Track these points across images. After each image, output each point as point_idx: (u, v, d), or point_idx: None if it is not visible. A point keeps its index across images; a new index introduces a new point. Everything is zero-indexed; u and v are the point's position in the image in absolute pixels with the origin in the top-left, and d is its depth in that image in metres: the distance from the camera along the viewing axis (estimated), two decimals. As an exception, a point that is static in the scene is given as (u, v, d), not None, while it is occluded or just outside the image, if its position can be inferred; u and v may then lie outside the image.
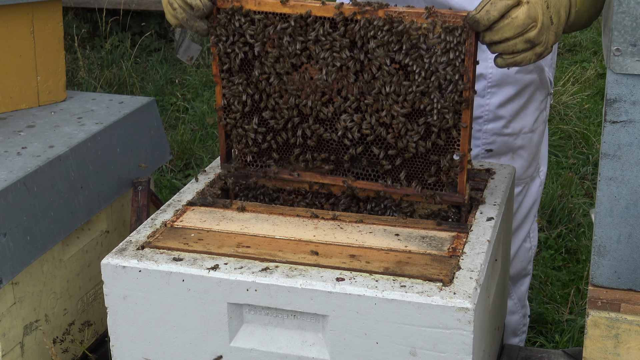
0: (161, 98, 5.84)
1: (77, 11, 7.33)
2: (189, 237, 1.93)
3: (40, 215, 2.29)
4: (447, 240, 1.89)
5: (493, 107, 2.45)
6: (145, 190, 2.64)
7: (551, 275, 3.74)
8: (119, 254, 1.88)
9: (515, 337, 2.86)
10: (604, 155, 1.64)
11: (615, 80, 1.60)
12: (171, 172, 4.81)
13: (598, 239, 1.69)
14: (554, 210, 4.28)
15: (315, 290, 1.74)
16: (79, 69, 6.10)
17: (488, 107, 2.45)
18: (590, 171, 4.76)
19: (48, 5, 2.69)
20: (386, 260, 1.81)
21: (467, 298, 1.67)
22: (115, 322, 1.90)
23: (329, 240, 1.91)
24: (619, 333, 1.72)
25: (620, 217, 1.66)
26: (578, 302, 3.48)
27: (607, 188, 1.65)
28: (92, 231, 2.56)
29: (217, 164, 2.34)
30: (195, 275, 1.80)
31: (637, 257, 1.67)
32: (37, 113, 2.70)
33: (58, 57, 2.76)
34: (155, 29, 7.18)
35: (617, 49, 1.58)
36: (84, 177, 2.46)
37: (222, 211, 2.06)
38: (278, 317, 1.81)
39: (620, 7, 1.55)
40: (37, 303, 2.32)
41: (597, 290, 1.72)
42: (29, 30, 2.66)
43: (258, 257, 1.83)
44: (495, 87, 2.43)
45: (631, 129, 1.60)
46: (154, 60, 6.62)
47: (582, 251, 3.94)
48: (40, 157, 2.35)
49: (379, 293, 1.70)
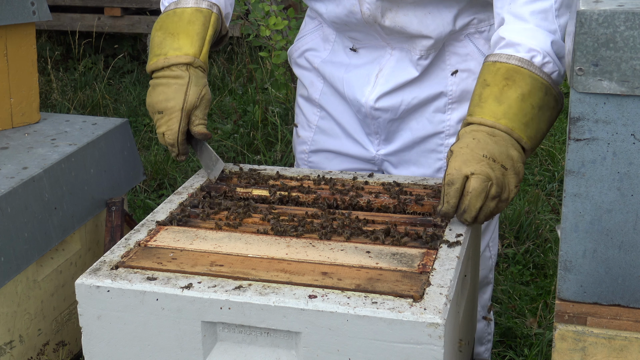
0: (134, 119, 5.84)
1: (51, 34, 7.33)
2: (163, 257, 1.95)
3: (14, 236, 2.29)
4: (417, 257, 1.92)
5: (454, 123, 2.51)
6: (119, 211, 2.65)
7: (519, 290, 3.78)
8: (93, 274, 1.89)
9: (481, 345, 2.90)
10: (568, 172, 1.67)
11: (579, 99, 1.63)
12: (145, 192, 4.82)
13: (564, 254, 1.72)
14: (522, 226, 4.33)
15: (288, 307, 1.76)
16: (53, 90, 6.10)
17: (449, 122, 2.50)
18: (556, 188, 4.82)
19: (21, 28, 2.70)
20: (358, 277, 1.84)
21: (438, 313, 1.70)
22: (89, 341, 1.91)
23: (301, 258, 1.93)
24: (586, 346, 1.75)
25: (585, 232, 1.69)
26: (546, 316, 3.52)
27: (572, 204, 1.69)
28: (66, 252, 2.57)
29: (190, 184, 2.36)
30: (169, 294, 1.82)
31: (602, 271, 1.70)
32: (10, 135, 2.71)
33: (31, 79, 2.77)
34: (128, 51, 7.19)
35: (580, 69, 1.62)
36: (57, 198, 2.47)
37: (195, 230, 2.08)
38: (252, 335, 1.83)
39: (582, 28, 1.59)
40: (12, 324, 2.32)
41: (564, 304, 1.75)
42: (3, 52, 2.67)
43: (231, 275, 1.85)
44: (456, 103, 2.49)
45: (594, 147, 1.64)
46: (127, 82, 6.64)
47: (549, 266, 3.99)
48: (14, 179, 2.36)
49: (350, 310, 1.73)
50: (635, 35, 1.56)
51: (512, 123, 2.03)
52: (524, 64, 2.07)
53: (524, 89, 2.05)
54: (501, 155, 2.00)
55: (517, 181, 2.03)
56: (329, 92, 2.63)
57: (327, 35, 2.61)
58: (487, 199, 1.99)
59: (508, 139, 2.03)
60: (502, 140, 2.02)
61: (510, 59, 2.09)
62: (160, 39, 2.36)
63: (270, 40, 5.19)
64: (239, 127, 5.51)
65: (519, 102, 2.04)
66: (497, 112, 2.05)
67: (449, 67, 2.47)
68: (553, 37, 2.11)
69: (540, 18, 2.12)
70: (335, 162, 2.67)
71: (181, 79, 2.30)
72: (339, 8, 2.43)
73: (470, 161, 1.99)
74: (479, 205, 1.99)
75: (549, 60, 2.08)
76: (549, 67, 2.08)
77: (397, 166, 2.60)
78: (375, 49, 2.51)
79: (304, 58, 2.68)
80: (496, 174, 1.99)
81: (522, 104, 2.04)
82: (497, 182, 1.99)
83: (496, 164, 1.99)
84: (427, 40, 2.40)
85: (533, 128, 2.06)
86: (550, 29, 2.12)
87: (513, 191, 2.03)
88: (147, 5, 6.90)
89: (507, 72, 2.08)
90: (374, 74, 2.50)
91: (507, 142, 2.02)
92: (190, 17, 2.36)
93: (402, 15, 2.37)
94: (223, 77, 6.55)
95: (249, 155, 5.15)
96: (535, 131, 2.06)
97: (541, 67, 2.07)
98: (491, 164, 1.98)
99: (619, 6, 1.58)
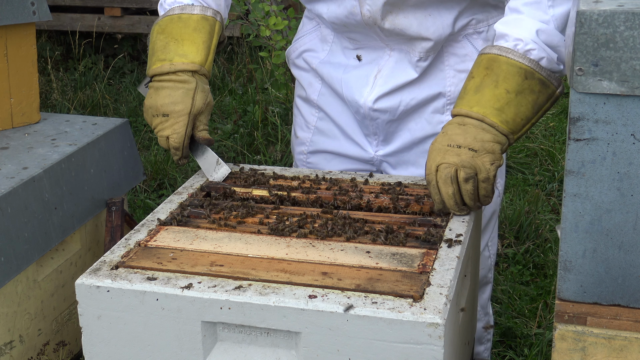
0: (134, 119, 5.85)
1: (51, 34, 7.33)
2: (163, 257, 1.95)
3: (14, 236, 2.29)
4: (417, 257, 1.92)
5: None
6: (119, 211, 2.65)
7: (519, 290, 3.78)
8: (93, 274, 1.89)
9: (480, 345, 2.90)
10: (568, 172, 1.67)
11: (579, 99, 1.63)
12: (145, 192, 4.82)
13: (564, 254, 1.72)
14: (522, 226, 4.33)
15: (288, 307, 1.76)
16: (53, 91, 6.10)
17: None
18: (556, 188, 4.82)
19: (21, 28, 2.70)
20: (357, 277, 1.84)
21: (438, 313, 1.70)
22: (89, 341, 1.91)
23: (301, 258, 1.93)
24: (586, 346, 1.75)
25: (585, 232, 1.69)
26: (546, 316, 3.52)
27: (572, 204, 1.69)
28: (66, 252, 2.57)
29: (190, 184, 2.36)
30: (169, 294, 1.82)
31: (602, 271, 1.70)
32: (10, 135, 2.71)
33: (31, 79, 2.77)
34: (128, 51, 7.19)
35: (580, 69, 1.62)
36: (58, 198, 2.47)
37: (195, 230, 2.08)
38: (251, 335, 1.83)
39: (582, 28, 1.59)
40: (12, 324, 2.32)
41: (564, 304, 1.75)
42: (3, 52, 2.67)
43: (231, 275, 1.86)
44: (454, 103, 2.49)
45: (594, 147, 1.64)
46: (127, 82, 6.64)
47: (549, 266, 3.99)
48: (14, 179, 2.36)
49: (350, 310, 1.73)
50: (635, 35, 1.56)
51: (483, 109, 2.10)
52: (503, 51, 2.13)
53: (499, 75, 2.11)
54: (466, 140, 2.07)
55: (493, 159, 2.08)
56: (327, 93, 2.63)
57: (325, 36, 2.61)
58: (459, 183, 2.07)
59: (478, 124, 2.09)
60: (471, 127, 2.09)
61: (492, 49, 2.15)
62: (163, 43, 2.36)
63: (270, 40, 5.19)
64: (239, 127, 5.51)
65: (493, 88, 2.11)
66: (472, 101, 2.12)
67: (448, 68, 2.47)
68: (541, 26, 2.15)
69: (533, 8, 2.17)
70: (334, 163, 2.67)
71: (188, 84, 2.31)
72: (340, 9, 2.43)
73: (437, 154, 2.08)
74: (451, 192, 2.07)
75: (533, 47, 2.12)
76: (535, 54, 2.12)
77: (395, 167, 2.60)
78: (374, 50, 2.51)
79: (302, 59, 2.68)
80: (462, 158, 2.05)
81: (495, 90, 2.10)
82: (464, 165, 2.05)
83: (462, 149, 2.06)
84: (427, 42, 2.40)
85: (509, 112, 2.10)
86: (542, 19, 2.16)
87: (490, 169, 2.08)
88: (147, 5, 6.90)
89: (487, 62, 2.14)
90: (373, 75, 2.50)
91: (477, 127, 2.08)
92: (196, 25, 2.37)
93: (402, 18, 2.37)
94: (223, 77, 6.55)
95: (249, 155, 5.16)
96: (513, 115, 2.10)
97: (525, 53, 2.12)
98: (456, 150, 2.06)
99: (619, 6, 1.58)
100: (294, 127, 2.80)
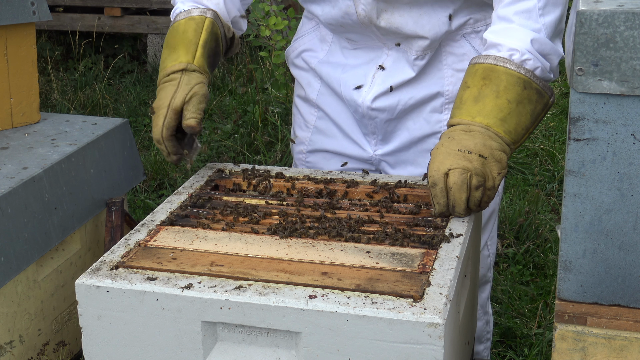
0: (134, 119, 5.85)
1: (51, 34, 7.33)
2: (163, 257, 1.95)
3: (14, 236, 2.29)
4: (417, 257, 1.92)
5: None
6: (119, 211, 2.65)
7: (519, 290, 3.78)
8: (93, 274, 1.89)
9: (480, 344, 2.90)
10: (568, 172, 1.68)
11: (579, 99, 1.64)
12: (145, 193, 4.82)
13: (564, 254, 1.72)
14: (522, 226, 4.33)
15: (288, 307, 1.76)
16: (53, 90, 6.10)
17: (446, 122, 2.51)
18: (556, 188, 4.82)
19: (21, 28, 2.70)
20: (357, 277, 1.84)
21: (438, 313, 1.70)
22: (89, 342, 1.91)
23: (301, 258, 1.93)
24: (586, 346, 1.75)
25: (585, 232, 1.69)
26: (546, 316, 3.52)
27: (572, 204, 1.69)
28: (66, 252, 2.57)
29: (190, 184, 2.36)
30: (169, 294, 1.82)
31: (602, 271, 1.71)
32: (10, 135, 2.71)
33: (31, 79, 2.77)
34: (128, 51, 7.19)
35: (580, 69, 1.62)
36: (57, 198, 2.47)
37: (195, 230, 2.08)
38: (252, 335, 1.83)
39: (582, 28, 1.59)
40: (12, 324, 2.32)
41: (564, 304, 1.75)
42: (3, 52, 2.67)
43: (231, 275, 1.86)
44: (453, 103, 2.49)
45: (594, 147, 1.64)
46: (127, 82, 6.64)
47: (549, 266, 3.99)
48: (14, 179, 2.36)
49: (350, 310, 1.73)
50: (635, 35, 1.57)
51: (487, 120, 2.09)
52: (500, 61, 2.13)
53: (499, 85, 2.11)
54: (477, 146, 2.05)
55: (500, 168, 2.07)
56: (326, 93, 2.63)
57: (324, 35, 2.61)
58: (471, 190, 2.04)
59: (485, 131, 2.08)
60: (478, 134, 2.07)
61: (487, 58, 2.15)
62: (165, 55, 2.45)
63: (270, 40, 5.19)
64: (239, 127, 5.51)
65: (494, 98, 2.10)
66: (473, 111, 2.11)
67: (446, 68, 2.48)
68: (534, 35, 2.15)
69: (524, 17, 2.17)
70: (333, 162, 2.67)
71: (174, 81, 2.37)
72: (335, 10, 2.43)
73: (447, 158, 2.05)
74: (464, 197, 2.04)
75: (529, 57, 2.12)
76: (530, 64, 2.13)
77: (394, 166, 2.60)
78: (371, 49, 2.51)
79: (301, 58, 2.68)
80: (474, 165, 2.03)
81: (497, 100, 2.10)
82: (476, 172, 2.03)
83: (473, 155, 2.04)
84: (423, 40, 2.40)
85: (511, 122, 2.10)
86: (533, 27, 2.16)
87: (497, 178, 2.07)
88: (147, 5, 6.90)
89: (484, 72, 2.14)
90: (371, 74, 2.51)
91: (484, 134, 2.08)
92: (183, 27, 2.43)
93: (398, 16, 2.37)
94: (223, 77, 6.55)
95: (249, 155, 5.16)
96: (514, 125, 2.11)
97: (521, 63, 2.12)
98: (467, 156, 2.04)
99: (619, 6, 1.58)
100: (293, 126, 2.80)
